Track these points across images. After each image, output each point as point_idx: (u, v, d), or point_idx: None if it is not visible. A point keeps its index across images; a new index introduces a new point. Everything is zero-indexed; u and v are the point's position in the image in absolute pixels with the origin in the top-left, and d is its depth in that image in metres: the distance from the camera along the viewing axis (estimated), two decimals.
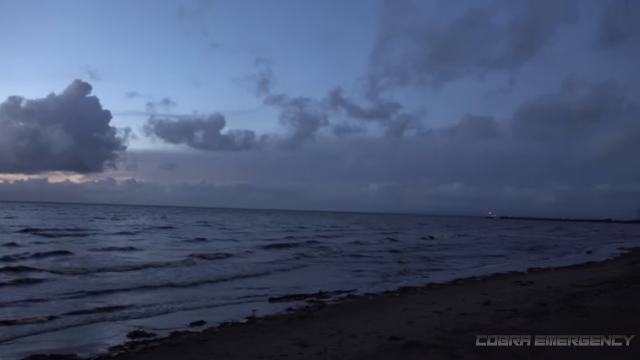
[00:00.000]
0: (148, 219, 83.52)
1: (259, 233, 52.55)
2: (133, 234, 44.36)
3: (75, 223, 58.61)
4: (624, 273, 20.00)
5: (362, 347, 8.33)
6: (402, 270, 23.41)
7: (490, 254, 36.65)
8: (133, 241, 35.87)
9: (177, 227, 60.17)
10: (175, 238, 40.58)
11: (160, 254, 27.07)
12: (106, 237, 38.80)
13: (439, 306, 12.55)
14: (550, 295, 13.76)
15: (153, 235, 44.54)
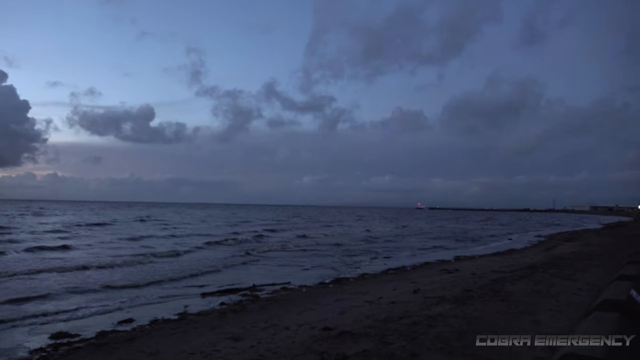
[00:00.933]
0: (76, 216, 78.80)
1: (200, 228, 51.01)
2: (64, 231, 41.25)
3: None
4: (540, 259, 21.35)
5: (296, 338, 8.38)
6: (351, 263, 23.76)
7: (430, 245, 37.89)
8: (64, 239, 33.31)
9: (112, 223, 57.01)
10: (112, 235, 38.39)
11: (99, 254, 25.41)
12: (33, 236, 35.83)
13: (371, 296, 12.85)
14: (475, 281, 14.43)
15: (87, 232, 41.75)
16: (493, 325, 8.48)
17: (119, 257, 23.52)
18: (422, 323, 8.82)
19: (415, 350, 7.01)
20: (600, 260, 20.05)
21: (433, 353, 6.90)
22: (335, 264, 23.07)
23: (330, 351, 7.24)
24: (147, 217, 76.58)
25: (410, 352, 6.96)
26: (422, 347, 7.18)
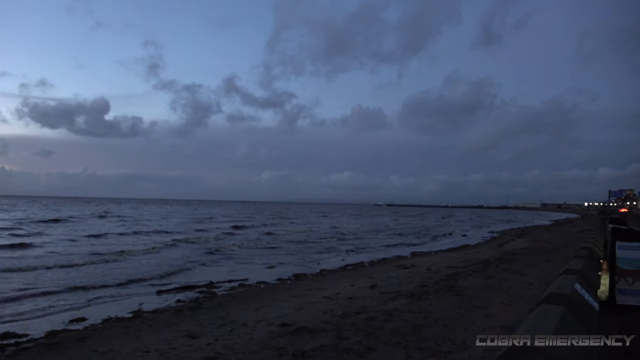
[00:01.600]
0: (27, 211, 75.01)
1: (164, 225, 49.77)
2: (17, 228, 39.05)
3: None
4: (493, 255, 21.99)
5: (253, 335, 8.35)
6: (310, 259, 23.77)
7: (387, 241, 38.37)
8: (19, 237, 31.62)
9: (69, 220, 54.23)
10: (71, 233, 36.69)
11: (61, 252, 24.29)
12: None
13: (329, 291, 12.93)
14: (430, 277, 14.74)
15: (44, 230, 39.48)
16: (447, 319, 8.69)
17: (78, 255, 22.74)
18: (378, 318, 8.95)
19: (371, 345, 7.11)
20: (549, 255, 20.83)
21: (389, 347, 7.01)
22: (295, 260, 23.09)
23: (288, 347, 7.25)
24: (106, 213, 74.30)
25: (367, 346, 7.05)
26: (379, 342, 7.28)
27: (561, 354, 2.28)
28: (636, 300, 8.90)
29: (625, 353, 6.33)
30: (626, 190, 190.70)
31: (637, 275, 8.91)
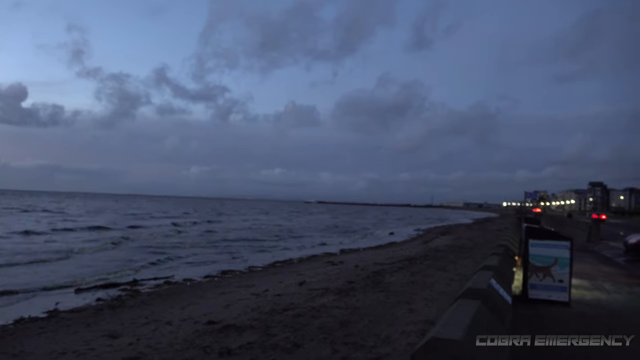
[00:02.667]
0: None
1: (96, 220, 46.99)
2: None
3: None
4: (418, 252, 22.77)
5: (178, 333, 8.14)
6: (239, 256, 23.43)
7: (317, 238, 38.60)
8: None
9: None
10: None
11: None
12: None
13: (257, 288, 12.86)
14: (358, 273, 15.02)
15: None
16: (373, 315, 8.89)
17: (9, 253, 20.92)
18: (306, 314, 9.00)
19: (298, 341, 7.14)
20: (470, 252, 21.83)
21: (315, 343, 7.07)
22: (225, 258, 22.79)
23: (214, 345, 7.14)
24: (30, 208, 69.45)
25: (294, 342, 7.08)
26: (305, 338, 7.33)
27: (476, 346, 2.40)
28: (546, 295, 9.53)
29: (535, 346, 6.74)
30: (540, 192, 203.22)
31: (547, 271, 9.54)
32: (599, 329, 7.86)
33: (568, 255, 9.57)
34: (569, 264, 9.56)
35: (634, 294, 11.38)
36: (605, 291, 11.52)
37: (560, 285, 9.49)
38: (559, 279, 9.49)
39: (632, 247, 19.91)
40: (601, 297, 10.67)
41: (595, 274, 14.53)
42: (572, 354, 6.30)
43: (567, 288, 9.51)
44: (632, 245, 19.98)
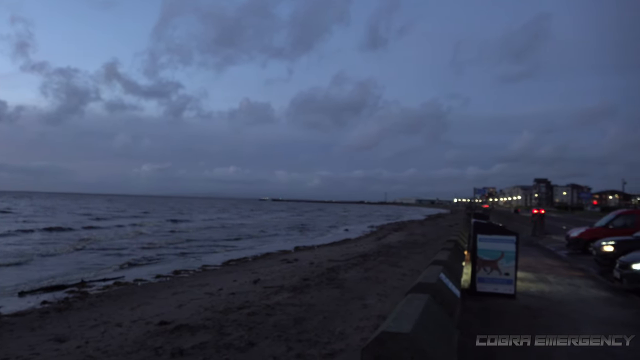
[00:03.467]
0: None
1: (49, 221, 44.59)
2: None
3: None
4: (372, 248, 23.09)
5: (128, 335, 7.96)
6: (193, 255, 23.02)
7: (272, 235, 38.45)
8: None
9: None
10: None
11: None
12: None
13: (211, 287, 12.72)
14: (313, 270, 15.09)
15: None
16: (327, 311, 8.96)
17: None
18: (260, 313, 8.98)
19: (252, 340, 7.12)
20: (422, 248, 22.32)
21: (270, 341, 7.07)
22: (180, 257, 22.39)
23: (166, 346, 7.02)
24: None
25: (248, 341, 7.05)
26: (260, 336, 7.32)
27: (425, 339, 2.48)
28: (492, 288, 9.88)
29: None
30: (489, 188, 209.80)
31: (495, 265, 9.90)
32: (543, 319, 8.23)
33: (514, 249, 9.96)
34: (515, 258, 9.95)
35: (575, 285, 11.96)
36: (549, 283, 12.06)
37: (506, 279, 9.86)
38: (505, 272, 9.86)
39: (574, 241, 20.89)
40: (545, 289, 11.16)
41: (539, 266, 15.17)
42: (522, 348, 6.55)
43: (513, 281, 9.90)
44: (574, 239, 20.97)
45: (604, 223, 21.13)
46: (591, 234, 20.04)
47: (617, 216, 21.16)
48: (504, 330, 7.45)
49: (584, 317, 8.40)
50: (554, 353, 6.24)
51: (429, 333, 2.66)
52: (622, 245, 14.47)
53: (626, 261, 11.47)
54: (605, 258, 14.80)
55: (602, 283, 12.57)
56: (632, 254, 11.97)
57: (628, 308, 9.39)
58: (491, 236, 10.06)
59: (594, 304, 9.73)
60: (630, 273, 11.14)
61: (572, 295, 10.60)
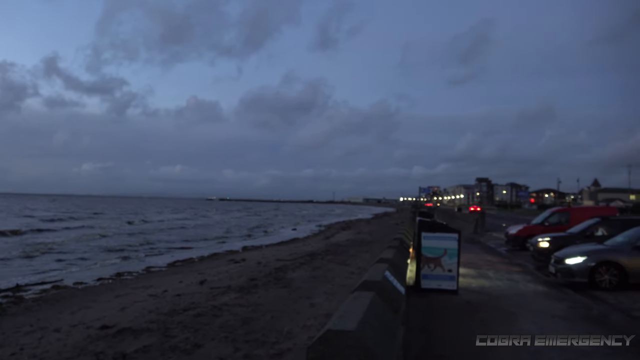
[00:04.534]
0: None
1: None
2: None
3: None
4: (320, 247, 23.22)
5: (68, 341, 7.65)
6: (136, 256, 22.32)
7: (218, 236, 37.88)
8: None
9: None
10: None
11: None
12: None
13: (155, 289, 12.41)
14: (260, 270, 15.01)
15: None
16: (275, 311, 8.95)
17: None
18: (207, 314, 8.85)
19: (198, 341, 7.01)
20: (369, 246, 22.66)
21: (216, 342, 6.99)
22: (120, 259, 21.66)
23: (108, 350, 6.80)
24: None
25: (194, 343, 6.94)
26: (206, 338, 7.22)
27: (370, 336, 2.52)
28: (436, 284, 10.17)
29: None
30: (433, 187, 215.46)
31: (438, 262, 10.19)
32: (483, 314, 8.55)
33: (456, 247, 10.30)
34: (457, 255, 10.28)
35: (513, 280, 12.49)
36: (489, 279, 12.54)
37: (449, 275, 10.18)
38: (448, 268, 10.18)
39: (512, 238, 21.80)
40: (485, 284, 11.60)
41: (480, 263, 15.75)
42: (464, 342, 6.78)
43: (456, 277, 10.23)
44: (512, 236, 21.88)
45: (540, 220, 22.18)
46: (528, 231, 20.96)
47: (552, 214, 22.26)
48: (447, 325, 7.70)
49: (521, 310, 8.79)
50: (501, 353, 6.50)
51: (373, 330, 2.71)
52: (557, 242, 15.24)
53: (560, 256, 12.09)
54: (541, 254, 15.53)
55: (539, 278, 13.20)
56: (565, 250, 12.64)
57: (562, 301, 9.90)
58: (435, 234, 10.35)
59: (530, 297, 10.20)
60: (564, 268, 11.75)
61: (511, 289, 11.07)
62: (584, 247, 12.48)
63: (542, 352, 6.07)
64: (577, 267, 11.45)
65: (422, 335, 6.89)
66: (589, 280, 11.22)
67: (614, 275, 11.14)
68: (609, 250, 11.79)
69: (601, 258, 11.42)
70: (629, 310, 9.19)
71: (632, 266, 11.13)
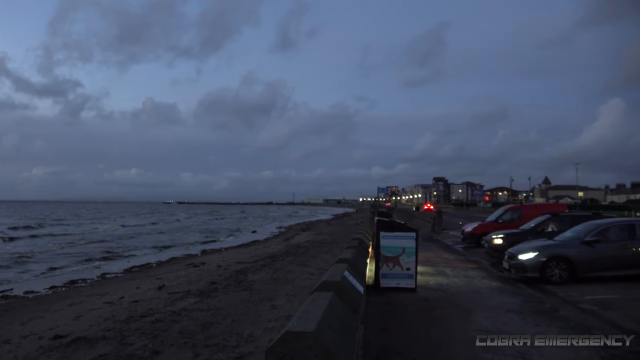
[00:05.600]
0: None
1: None
2: None
3: None
4: (280, 249, 23.16)
5: (18, 352, 7.37)
6: (91, 263, 21.65)
7: (177, 240, 37.21)
8: None
9: None
10: None
11: None
12: None
13: (111, 296, 12.10)
14: (220, 273, 14.85)
15: None
16: (236, 314, 8.88)
17: None
18: (165, 319, 8.70)
19: (157, 348, 6.88)
20: (329, 247, 22.76)
21: (175, 348, 6.88)
22: (74, 265, 21.01)
23: None
24: None
25: (152, 350, 6.81)
26: (165, 344, 7.10)
27: (329, 336, 2.55)
28: (395, 283, 10.33)
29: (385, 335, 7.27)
30: (392, 187, 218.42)
31: (397, 261, 10.35)
32: (441, 310, 8.75)
33: (414, 245, 10.49)
34: (415, 253, 10.47)
35: (469, 277, 12.83)
36: (447, 276, 12.82)
37: (407, 273, 10.36)
38: (407, 267, 10.36)
39: (468, 235, 22.37)
40: (443, 282, 11.86)
41: (437, 260, 16.09)
42: (422, 339, 6.92)
43: (414, 275, 10.42)
44: (468, 233, 22.45)
45: (494, 218, 22.85)
46: (483, 228, 21.55)
47: (505, 211, 22.98)
48: (405, 323, 7.84)
49: (476, 306, 9.04)
50: (456, 347, 6.66)
51: (332, 330, 2.74)
52: (510, 238, 15.74)
53: (513, 252, 12.50)
54: (495, 250, 16.02)
55: (493, 274, 13.60)
56: (518, 246, 13.07)
57: (516, 296, 10.23)
58: (393, 233, 10.51)
59: (486, 293, 10.50)
60: (517, 263, 12.15)
61: (467, 286, 11.36)
62: (536, 243, 12.94)
63: (500, 348, 6.26)
64: (529, 262, 11.86)
65: (381, 334, 6.99)
66: (540, 274, 11.64)
67: (563, 270, 11.60)
68: (559, 246, 12.27)
69: (551, 253, 11.87)
70: (577, 303, 9.60)
71: (580, 260, 11.62)
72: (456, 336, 6.94)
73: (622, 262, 11.68)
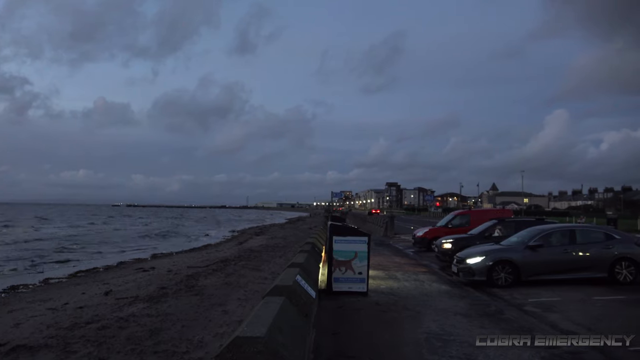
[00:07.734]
0: None
1: None
2: None
3: None
4: (233, 253, 22.92)
5: None
6: (32, 267, 20.72)
7: (126, 243, 36.14)
8: None
9: None
10: None
11: None
12: None
13: (55, 302, 11.64)
14: (171, 278, 14.54)
15: None
16: (186, 320, 8.72)
17: None
18: (112, 326, 8.44)
19: (102, 356, 6.67)
20: (283, 251, 22.71)
21: (122, 355, 6.69)
22: (13, 269, 20.07)
23: None
24: None
25: (97, 357, 6.60)
26: (111, 351, 6.89)
27: (280, 341, 2.56)
28: (347, 287, 10.43)
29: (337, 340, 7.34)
30: (346, 192, 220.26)
31: (349, 265, 10.45)
32: (391, 313, 8.90)
33: (366, 250, 10.62)
34: (367, 257, 10.61)
35: (419, 280, 13.10)
36: (397, 280, 13.05)
37: (359, 277, 10.48)
38: (359, 271, 10.47)
39: (419, 240, 22.84)
40: (393, 285, 12.06)
41: (389, 264, 16.35)
42: (373, 342, 7.02)
43: (366, 279, 10.55)
44: (419, 238, 22.92)
45: (444, 223, 23.42)
46: (433, 233, 22.06)
47: (454, 216, 23.60)
48: (357, 326, 7.93)
49: (426, 309, 9.25)
50: (405, 349, 6.78)
51: (283, 335, 2.76)
52: (459, 243, 16.19)
53: (462, 257, 12.85)
54: (445, 254, 16.42)
55: (443, 277, 13.93)
56: (466, 250, 13.46)
57: (464, 299, 10.52)
58: (345, 237, 10.61)
59: (435, 297, 10.75)
60: (465, 267, 12.50)
61: (417, 290, 11.60)
62: (483, 248, 13.36)
63: (449, 345, 6.43)
64: (476, 266, 12.22)
65: (333, 338, 7.04)
66: (487, 278, 12.02)
67: (508, 273, 12.02)
68: (504, 250, 12.71)
69: (497, 257, 12.29)
70: (521, 305, 9.97)
71: (524, 264, 12.08)
72: (406, 339, 7.07)
73: (563, 266, 12.23)
